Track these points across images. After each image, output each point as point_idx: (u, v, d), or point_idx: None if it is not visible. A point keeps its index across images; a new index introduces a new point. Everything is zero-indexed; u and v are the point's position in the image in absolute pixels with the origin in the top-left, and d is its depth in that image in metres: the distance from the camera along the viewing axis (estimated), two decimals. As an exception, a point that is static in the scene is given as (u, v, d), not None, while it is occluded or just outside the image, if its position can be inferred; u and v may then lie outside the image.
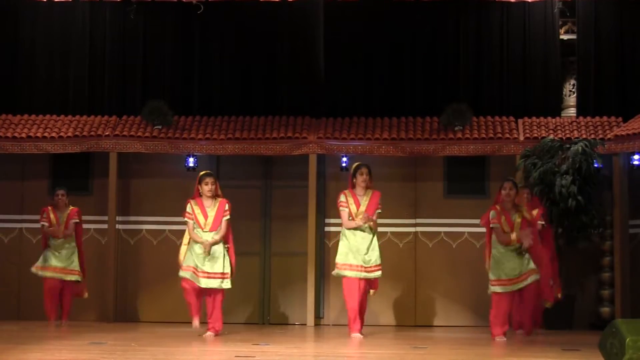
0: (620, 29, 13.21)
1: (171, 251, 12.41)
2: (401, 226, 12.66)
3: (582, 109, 13.17)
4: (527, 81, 13.31)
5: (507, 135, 12.45)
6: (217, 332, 9.54)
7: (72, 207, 11.66)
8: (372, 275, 9.88)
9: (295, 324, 12.52)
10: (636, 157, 11.87)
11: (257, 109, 13.17)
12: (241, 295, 12.39)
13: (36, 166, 12.82)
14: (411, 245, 12.67)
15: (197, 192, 9.67)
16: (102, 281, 12.49)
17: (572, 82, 13.54)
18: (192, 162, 12.46)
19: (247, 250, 12.27)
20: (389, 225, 12.32)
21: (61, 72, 13.48)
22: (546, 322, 11.77)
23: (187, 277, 9.48)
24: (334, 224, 12.27)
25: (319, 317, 12.52)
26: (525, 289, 9.62)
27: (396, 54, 13.47)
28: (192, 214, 9.59)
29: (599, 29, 13.24)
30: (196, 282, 9.46)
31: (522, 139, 12.40)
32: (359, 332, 9.80)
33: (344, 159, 12.38)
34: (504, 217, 9.63)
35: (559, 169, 11.73)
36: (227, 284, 9.54)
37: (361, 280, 9.80)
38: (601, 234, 12.15)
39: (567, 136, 12.31)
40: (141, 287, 12.73)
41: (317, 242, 12.48)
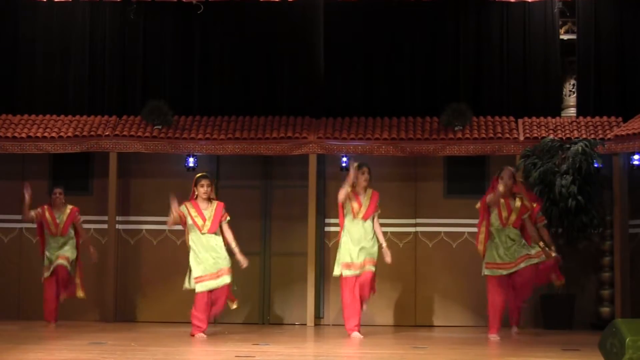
0: (620, 29, 13.21)
1: (171, 251, 12.44)
2: (401, 226, 12.66)
3: (582, 109, 13.16)
4: (527, 81, 13.30)
5: (507, 135, 12.45)
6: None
7: (71, 207, 11.55)
8: (367, 268, 9.81)
9: (295, 324, 12.52)
10: (636, 157, 11.87)
11: (257, 109, 13.17)
12: (241, 295, 12.35)
13: (36, 166, 12.81)
14: (411, 245, 12.67)
15: (193, 194, 9.71)
16: (102, 281, 12.49)
17: (572, 82, 13.53)
18: (192, 162, 12.46)
19: (247, 250, 12.14)
20: (389, 225, 12.30)
21: (61, 72, 13.47)
22: (546, 322, 11.79)
23: (206, 290, 9.56)
24: (334, 224, 12.26)
25: (318, 317, 12.52)
26: (517, 273, 9.68)
27: (396, 54, 13.46)
28: (185, 216, 9.62)
29: (599, 29, 13.23)
30: (214, 286, 9.58)
31: (522, 139, 12.40)
32: (357, 331, 9.81)
33: (344, 159, 12.37)
34: (502, 200, 9.68)
35: (559, 169, 11.74)
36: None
37: (358, 278, 9.80)
38: (601, 234, 12.16)
39: (567, 136, 12.31)
40: (141, 287, 12.72)
41: (317, 242, 12.47)
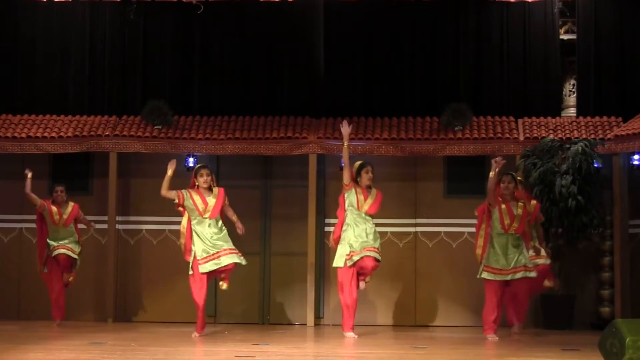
0: (620, 28, 13.21)
1: (171, 251, 12.42)
2: (401, 226, 12.66)
3: (582, 109, 13.16)
4: (527, 81, 13.30)
5: (507, 135, 12.44)
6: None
7: (73, 203, 11.52)
8: (368, 253, 9.81)
9: (295, 324, 12.52)
10: (636, 157, 11.88)
11: (257, 109, 13.17)
12: (241, 295, 12.41)
13: (36, 166, 12.76)
14: (411, 245, 12.67)
15: (193, 184, 9.78)
16: (102, 281, 12.50)
17: (572, 82, 13.53)
18: (192, 162, 12.44)
19: (247, 250, 12.19)
20: (389, 225, 12.33)
21: (61, 72, 13.47)
22: (546, 322, 11.79)
23: (207, 271, 9.60)
24: (334, 224, 12.23)
25: (318, 317, 12.51)
26: (513, 284, 9.67)
27: (396, 54, 13.46)
28: (184, 198, 9.76)
29: (599, 29, 13.24)
30: (218, 265, 9.60)
31: (522, 139, 12.40)
32: (351, 331, 9.83)
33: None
34: (504, 205, 9.68)
35: (559, 169, 11.73)
36: (243, 260, 9.77)
37: (355, 271, 9.82)
38: (601, 234, 12.16)
39: (567, 136, 12.31)
40: (141, 287, 12.72)
41: (317, 242, 12.47)
